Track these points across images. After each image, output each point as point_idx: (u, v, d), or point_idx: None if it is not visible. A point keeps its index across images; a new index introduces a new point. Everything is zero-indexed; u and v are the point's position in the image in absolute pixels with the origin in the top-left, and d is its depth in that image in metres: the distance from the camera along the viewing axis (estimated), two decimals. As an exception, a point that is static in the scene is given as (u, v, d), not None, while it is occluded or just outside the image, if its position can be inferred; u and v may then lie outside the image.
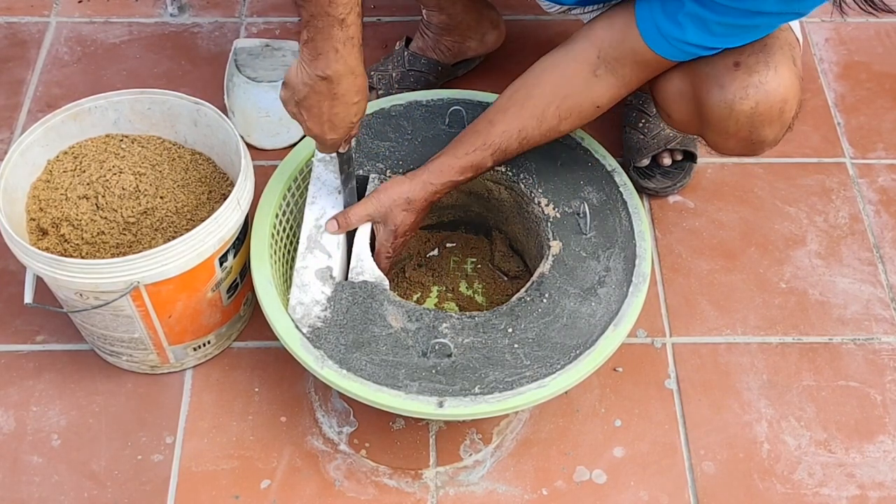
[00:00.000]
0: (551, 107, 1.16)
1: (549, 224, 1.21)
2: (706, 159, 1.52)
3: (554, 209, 1.22)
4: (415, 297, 1.33)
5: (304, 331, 1.09)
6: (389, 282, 1.16)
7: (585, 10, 1.29)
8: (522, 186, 1.24)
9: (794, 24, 1.13)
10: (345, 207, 1.20)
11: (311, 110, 1.06)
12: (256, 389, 1.27)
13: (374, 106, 1.31)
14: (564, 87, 1.16)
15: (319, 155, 1.24)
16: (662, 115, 1.21)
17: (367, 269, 1.15)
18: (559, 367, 1.08)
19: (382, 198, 1.17)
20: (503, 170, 1.26)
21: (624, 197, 1.23)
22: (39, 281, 1.14)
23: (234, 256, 1.19)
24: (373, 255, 1.17)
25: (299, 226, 1.21)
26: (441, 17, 1.51)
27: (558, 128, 1.18)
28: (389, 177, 1.24)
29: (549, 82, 1.16)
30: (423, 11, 1.54)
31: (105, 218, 1.19)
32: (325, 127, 1.08)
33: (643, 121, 1.45)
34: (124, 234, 1.19)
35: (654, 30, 1.08)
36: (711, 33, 1.05)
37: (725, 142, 1.13)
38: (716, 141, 1.15)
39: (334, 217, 1.18)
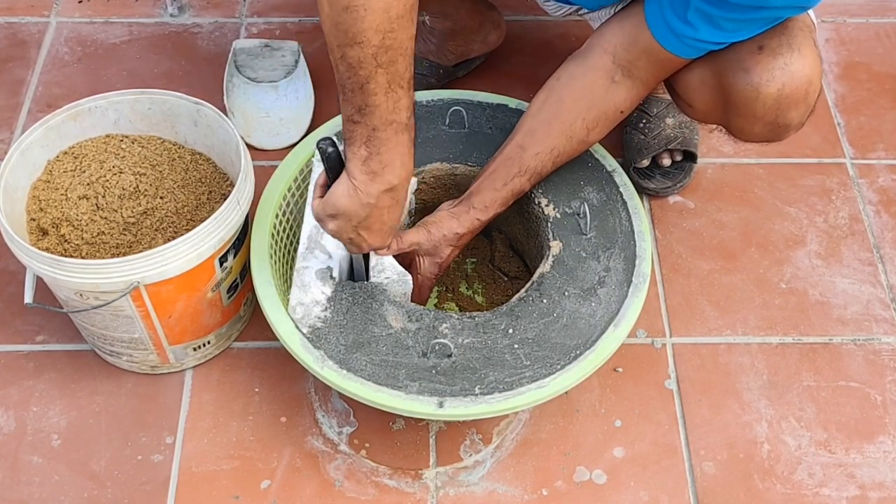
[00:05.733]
0: (578, 121, 1.16)
1: (549, 224, 1.21)
2: (706, 160, 1.52)
3: (554, 209, 1.22)
4: (415, 298, 1.33)
5: (305, 331, 1.09)
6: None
7: (594, 11, 1.29)
8: (522, 187, 1.24)
9: None
10: None
11: (373, 227, 1.03)
12: (256, 389, 1.27)
13: (374, 106, 1.31)
14: (587, 99, 1.16)
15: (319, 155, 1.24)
16: (682, 105, 1.20)
17: (387, 265, 1.15)
18: (559, 367, 1.08)
19: (434, 231, 1.17)
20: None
21: (624, 197, 1.23)
22: (39, 281, 1.14)
23: (234, 256, 1.19)
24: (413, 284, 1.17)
25: (299, 226, 1.21)
26: (445, 23, 1.51)
27: (587, 139, 1.19)
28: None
29: (571, 97, 1.16)
30: (427, 17, 1.53)
31: (105, 218, 1.19)
32: (386, 235, 1.06)
33: (644, 121, 1.45)
34: (124, 235, 1.19)
35: (666, 30, 1.09)
36: (721, 29, 1.05)
37: (752, 127, 1.13)
38: (741, 126, 1.14)
39: None
